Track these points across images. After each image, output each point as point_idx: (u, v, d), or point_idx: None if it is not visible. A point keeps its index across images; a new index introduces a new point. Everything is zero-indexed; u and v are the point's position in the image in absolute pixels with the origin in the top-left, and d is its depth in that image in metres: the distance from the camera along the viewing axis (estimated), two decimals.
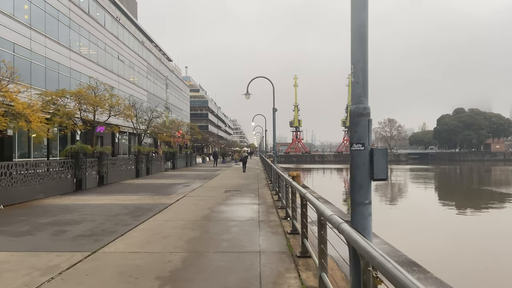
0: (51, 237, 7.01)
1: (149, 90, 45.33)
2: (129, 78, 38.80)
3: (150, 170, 24.81)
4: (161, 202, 11.54)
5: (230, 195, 13.18)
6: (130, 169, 21.38)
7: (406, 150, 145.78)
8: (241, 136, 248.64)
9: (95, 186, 16.33)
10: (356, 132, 2.54)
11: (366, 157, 2.49)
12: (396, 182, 42.19)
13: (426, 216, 19.91)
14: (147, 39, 49.01)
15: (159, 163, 27.98)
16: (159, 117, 28.03)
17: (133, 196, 13.09)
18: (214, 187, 16.35)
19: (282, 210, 9.93)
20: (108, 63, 33.44)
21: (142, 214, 9.28)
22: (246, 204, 11.18)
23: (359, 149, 2.52)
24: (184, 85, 71.18)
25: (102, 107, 18.35)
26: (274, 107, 15.04)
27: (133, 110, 26.38)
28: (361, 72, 2.54)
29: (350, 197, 2.62)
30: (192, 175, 24.47)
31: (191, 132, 51.46)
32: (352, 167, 2.55)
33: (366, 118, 2.53)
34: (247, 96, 16.17)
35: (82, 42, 28.56)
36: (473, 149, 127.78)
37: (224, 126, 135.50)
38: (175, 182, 18.67)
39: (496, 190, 32.51)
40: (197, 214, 9.29)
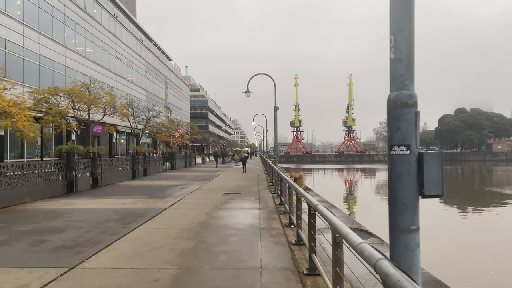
0: (29, 248, 6.28)
1: (148, 89, 44.61)
2: (127, 77, 38.08)
3: (148, 171, 24.08)
4: (155, 206, 10.81)
5: (229, 199, 12.45)
6: (126, 170, 20.65)
7: None
8: (241, 136, 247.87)
9: (88, 188, 15.60)
10: (399, 130, 1.80)
11: (412, 164, 1.75)
12: None
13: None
14: (146, 37, 48.29)
15: (157, 163, 27.25)
16: (157, 117, 27.28)
17: (127, 199, 12.35)
18: (213, 189, 15.62)
19: (285, 215, 9.21)
20: (105, 62, 32.71)
21: (133, 221, 8.55)
22: (246, 208, 10.45)
23: (402, 154, 1.77)
24: (183, 85, 70.45)
25: (97, 105, 17.61)
26: (276, 106, 14.30)
27: (130, 109, 25.66)
28: (406, 45, 1.78)
29: (389, 220, 1.88)
30: (190, 176, 23.74)
31: (191, 132, 50.73)
32: (392, 178, 1.80)
33: (412, 109, 1.80)
34: (247, 94, 15.43)
35: (78, 39, 27.83)
36: (475, 149, 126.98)
37: (225, 126, 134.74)
38: (172, 184, 17.95)
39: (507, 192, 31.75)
40: (192, 221, 8.56)
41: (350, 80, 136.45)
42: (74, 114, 17.91)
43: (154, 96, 47.12)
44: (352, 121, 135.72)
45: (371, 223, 12.50)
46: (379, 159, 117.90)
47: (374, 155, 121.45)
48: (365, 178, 50.79)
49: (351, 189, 37.42)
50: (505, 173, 58.41)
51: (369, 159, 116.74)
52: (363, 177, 53.05)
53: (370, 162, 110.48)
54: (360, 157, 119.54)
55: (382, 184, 42.86)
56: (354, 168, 76.73)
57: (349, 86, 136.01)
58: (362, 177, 52.04)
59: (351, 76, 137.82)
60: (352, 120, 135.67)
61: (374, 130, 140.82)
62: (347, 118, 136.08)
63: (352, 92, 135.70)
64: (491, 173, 60.36)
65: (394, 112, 1.82)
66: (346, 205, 25.13)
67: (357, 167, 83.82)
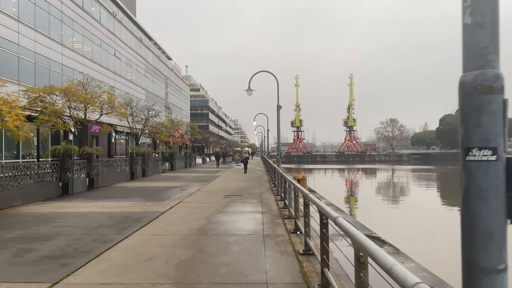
0: (11, 259, 5.73)
1: (147, 88, 44.07)
2: (126, 76, 37.54)
3: (146, 172, 23.53)
4: (153, 210, 10.26)
5: (230, 201, 11.90)
6: (124, 171, 20.10)
7: (408, 150, 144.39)
8: (242, 136, 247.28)
9: (84, 190, 15.06)
10: (479, 126, 1.23)
11: (499, 175, 1.22)
12: (407, 184, 40.92)
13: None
14: (145, 36, 47.75)
15: (156, 164, 26.71)
16: (156, 116, 26.71)
17: (123, 202, 11.80)
18: (213, 191, 15.07)
19: (290, 220, 8.67)
20: (104, 60, 32.17)
21: (127, 226, 8.00)
22: (248, 212, 9.90)
23: (485, 160, 1.24)
24: (184, 84, 69.91)
25: (93, 104, 17.05)
26: (279, 104, 13.73)
27: (128, 109, 25.11)
28: (489, 8, 1.23)
29: (462, 256, 1.31)
30: (190, 177, 23.19)
31: (191, 132, 50.18)
32: (469, 196, 1.23)
33: (499, 97, 1.25)
34: (249, 92, 14.87)
35: (75, 37, 27.29)
36: None
37: (225, 126, 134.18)
38: (172, 185, 17.40)
39: None
40: (191, 226, 8.01)
41: (351, 80, 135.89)
42: (70, 113, 17.36)
43: (154, 95, 46.57)
44: (353, 121, 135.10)
45: (376, 225, 11.95)
46: (380, 159, 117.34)
47: (375, 155, 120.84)
48: (367, 178, 50.22)
49: (353, 189, 36.85)
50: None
51: (370, 159, 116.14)
52: (364, 177, 52.50)
53: (371, 162, 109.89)
54: (361, 157, 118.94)
55: (384, 185, 42.45)
56: (355, 169, 76.17)
57: (350, 86, 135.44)
58: (364, 178, 51.47)
59: (352, 76, 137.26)
60: (353, 120, 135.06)
61: (375, 130, 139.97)
62: (348, 118, 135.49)
63: (353, 92, 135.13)
64: None
65: (471, 100, 1.26)
66: (347, 205, 24.59)
67: (358, 167, 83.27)
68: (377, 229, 10.69)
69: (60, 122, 16.46)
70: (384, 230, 12.73)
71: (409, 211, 21.88)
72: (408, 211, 21.89)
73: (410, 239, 13.32)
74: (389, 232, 13.00)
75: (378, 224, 15.17)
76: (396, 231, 14.20)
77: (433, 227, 17.91)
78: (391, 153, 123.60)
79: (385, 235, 9.68)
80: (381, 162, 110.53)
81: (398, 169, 69.47)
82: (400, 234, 13.87)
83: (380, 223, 16.15)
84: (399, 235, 13.20)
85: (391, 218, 19.81)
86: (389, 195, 30.55)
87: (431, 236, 15.33)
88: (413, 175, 52.59)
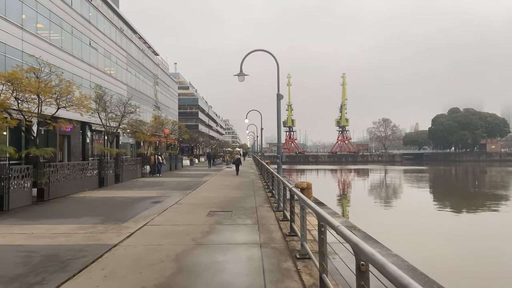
0: None
1: (129, 84, 40.51)
2: (105, 69, 33.98)
3: (121, 177, 20.17)
4: (99, 241, 7.02)
5: (215, 222, 8.72)
6: (90, 177, 16.73)
7: (401, 151, 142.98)
8: (233, 136, 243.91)
9: (29, 204, 11.72)
10: None
11: None
12: (402, 186, 38.24)
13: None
14: (128, 27, 44.13)
15: (135, 167, 23.34)
16: (133, 113, 23.31)
17: (65, 225, 8.52)
18: (195, 204, 11.86)
19: (303, 262, 5.58)
20: (77, 50, 28.61)
21: (35, 284, 4.76)
22: (240, 245, 6.74)
23: None
24: (171, 81, 66.30)
25: (46, 95, 13.69)
26: (279, 93, 10.62)
27: (101, 103, 21.69)
28: None
29: None
30: (172, 183, 19.91)
31: (178, 132, 46.72)
32: None
33: None
34: (240, 78, 11.73)
35: (40, 21, 23.72)
36: (468, 150, 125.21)
37: (216, 125, 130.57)
38: (145, 196, 14.12)
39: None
40: (147, 281, 4.82)
41: (343, 80, 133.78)
42: (18, 106, 13.94)
43: (137, 92, 43.03)
44: (345, 121, 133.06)
45: (373, 229, 9.37)
46: (372, 159, 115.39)
47: (367, 156, 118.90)
48: (363, 179, 47.54)
49: (350, 192, 34.14)
50: (505, 174, 55.80)
51: (362, 160, 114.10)
52: (362, 179, 49.92)
53: (364, 162, 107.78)
54: (354, 158, 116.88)
55: (377, 186, 39.92)
56: (349, 169, 73.67)
57: (343, 85, 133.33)
58: (362, 180, 48.79)
59: (345, 75, 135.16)
60: (345, 120, 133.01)
61: (367, 130, 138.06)
62: (341, 118, 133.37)
63: (345, 91, 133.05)
64: (498, 174, 57.82)
65: None
66: (340, 206, 21.75)
67: (351, 167, 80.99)
68: (372, 230, 7.66)
69: (2, 118, 13.03)
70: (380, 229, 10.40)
71: (418, 215, 18.99)
72: (416, 215, 18.99)
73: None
74: (384, 233, 10.08)
75: (373, 224, 12.27)
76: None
77: (440, 231, 15.07)
78: (384, 153, 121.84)
79: (383, 239, 6.68)
80: (374, 162, 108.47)
81: (392, 170, 67.17)
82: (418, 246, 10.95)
83: (376, 225, 13.26)
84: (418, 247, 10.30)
85: (390, 221, 16.93)
86: (380, 196, 27.79)
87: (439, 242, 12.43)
88: (411, 177, 50.11)
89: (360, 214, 20.73)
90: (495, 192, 32.79)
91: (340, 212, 20.41)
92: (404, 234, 15.36)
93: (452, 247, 13.95)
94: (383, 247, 6.70)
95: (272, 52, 11.50)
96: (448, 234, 16.09)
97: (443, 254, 12.72)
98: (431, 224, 18.14)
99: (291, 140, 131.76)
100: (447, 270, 10.77)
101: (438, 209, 23.37)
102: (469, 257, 12.72)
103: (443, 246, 13.99)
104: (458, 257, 12.55)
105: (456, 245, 14.19)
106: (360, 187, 39.24)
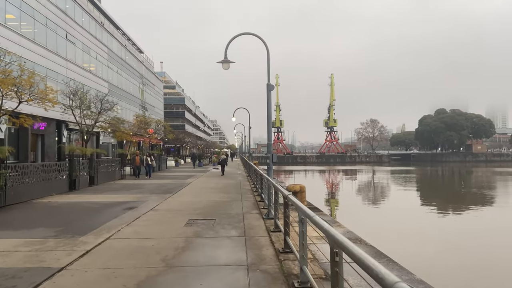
0: None
1: (111, 81, 38.61)
2: (83, 65, 32.09)
3: (96, 180, 18.48)
4: (43, 263, 5.52)
5: (193, 235, 7.29)
6: (59, 180, 15.05)
7: (388, 151, 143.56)
8: (221, 137, 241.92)
9: None
10: None
11: None
12: (389, 186, 37.41)
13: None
14: (109, 22, 42.16)
15: (113, 169, 21.65)
16: (111, 110, 21.58)
17: (8, 240, 6.93)
18: (173, 210, 10.40)
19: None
20: (51, 43, 26.72)
21: None
22: (222, 267, 5.33)
23: None
24: (156, 80, 64.36)
25: (4, 87, 11.98)
26: (269, 83, 9.27)
27: (75, 99, 19.97)
28: None
29: None
30: (152, 185, 18.35)
31: (163, 131, 44.82)
32: None
33: None
34: (225, 66, 10.33)
35: (9, 11, 21.85)
36: (454, 150, 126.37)
37: (203, 126, 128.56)
38: (119, 200, 12.57)
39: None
40: None
41: (331, 80, 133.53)
42: None
43: (119, 89, 41.16)
44: (333, 121, 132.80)
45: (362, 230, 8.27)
46: (360, 160, 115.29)
47: (355, 156, 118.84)
48: (352, 181, 46.66)
49: (340, 193, 33.13)
50: (496, 175, 55.81)
51: (350, 160, 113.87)
52: (346, 179, 49.19)
53: (352, 163, 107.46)
54: (342, 158, 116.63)
55: (364, 186, 39.09)
56: (337, 170, 72.92)
57: (331, 86, 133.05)
58: (345, 180, 47.93)
59: (333, 76, 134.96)
60: (333, 120, 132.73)
61: (355, 131, 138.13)
62: (329, 119, 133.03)
63: (333, 92, 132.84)
64: (487, 177, 57.80)
65: None
66: (328, 207, 20.57)
67: (340, 168, 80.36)
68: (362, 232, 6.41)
69: None
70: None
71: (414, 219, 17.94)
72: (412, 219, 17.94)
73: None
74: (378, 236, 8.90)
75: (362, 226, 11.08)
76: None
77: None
78: (372, 154, 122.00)
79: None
80: (362, 163, 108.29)
81: (381, 171, 66.75)
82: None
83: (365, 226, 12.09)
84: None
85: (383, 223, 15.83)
86: (368, 198, 26.77)
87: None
88: (400, 178, 49.52)
89: (351, 216, 19.52)
90: (481, 192, 32.53)
91: (328, 212, 19.19)
92: (421, 244, 14.19)
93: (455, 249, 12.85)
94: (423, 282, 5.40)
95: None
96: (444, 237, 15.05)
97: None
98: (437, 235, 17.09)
99: (279, 140, 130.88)
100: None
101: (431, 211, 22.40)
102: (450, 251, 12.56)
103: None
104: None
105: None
106: (349, 189, 38.26)
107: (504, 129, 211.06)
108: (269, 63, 9.36)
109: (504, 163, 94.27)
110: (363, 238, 7.24)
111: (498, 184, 41.47)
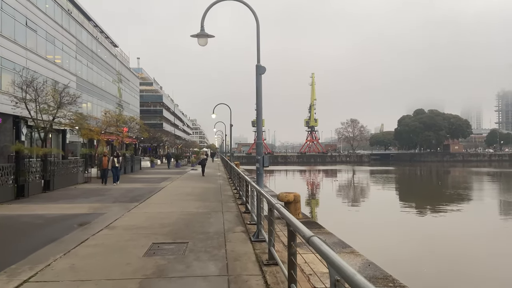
0: None
1: (79, 75, 35.47)
2: (47, 56, 29.00)
3: (52, 184, 15.86)
4: None
5: (153, 273, 5.10)
6: (4, 186, 12.44)
7: (367, 151, 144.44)
8: (201, 136, 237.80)
9: None
10: None
11: None
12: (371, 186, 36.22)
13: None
14: (78, 11, 38.91)
15: (75, 171, 18.99)
16: (72, 104, 18.85)
17: None
18: (135, 228, 8.15)
19: None
20: (8, 30, 23.65)
21: None
22: None
23: None
24: (132, 76, 61.04)
25: None
26: (259, 64, 7.18)
27: (29, 90, 17.24)
28: None
29: None
30: (119, 191, 15.91)
31: (138, 130, 41.91)
32: None
33: None
34: (201, 41, 8.12)
35: None
36: (432, 150, 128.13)
37: (182, 125, 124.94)
38: (70, 213, 10.16)
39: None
40: None
41: (312, 80, 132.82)
42: None
43: (89, 84, 38.02)
44: (314, 121, 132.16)
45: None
46: (341, 160, 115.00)
47: (336, 156, 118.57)
48: (335, 180, 45.36)
49: (321, 194, 31.68)
50: (472, 175, 56.00)
51: (331, 160, 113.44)
52: (326, 179, 48.08)
53: (332, 163, 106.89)
54: (323, 158, 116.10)
55: (344, 186, 37.97)
56: (318, 170, 71.85)
57: (312, 85, 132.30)
58: (326, 180, 46.69)
59: (314, 75, 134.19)
60: (314, 120, 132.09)
61: (336, 131, 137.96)
62: (310, 118, 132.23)
63: (314, 91, 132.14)
64: (466, 177, 57.99)
65: None
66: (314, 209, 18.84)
67: (321, 168, 79.47)
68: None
69: None
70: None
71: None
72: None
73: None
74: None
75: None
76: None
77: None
78: (352, 154, 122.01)
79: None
80: (342, 163, 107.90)
81: (360, 171, 66.04)
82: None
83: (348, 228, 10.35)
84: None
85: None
86: (350, 199, 25.30)
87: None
88: (381, 177, 48.67)
89: (354, 231, 17.71)
90: (457, 192, 32.24)
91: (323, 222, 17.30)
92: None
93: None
94: None
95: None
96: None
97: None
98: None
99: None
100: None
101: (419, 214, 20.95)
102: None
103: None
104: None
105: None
106: (329, 189, 36.71)
107: (480, 129, 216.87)
108: (258, 39, 7.30)
109: (480, 163, 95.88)
110: (393, 275, 5.23)
111: (474, 185, 41.39)
